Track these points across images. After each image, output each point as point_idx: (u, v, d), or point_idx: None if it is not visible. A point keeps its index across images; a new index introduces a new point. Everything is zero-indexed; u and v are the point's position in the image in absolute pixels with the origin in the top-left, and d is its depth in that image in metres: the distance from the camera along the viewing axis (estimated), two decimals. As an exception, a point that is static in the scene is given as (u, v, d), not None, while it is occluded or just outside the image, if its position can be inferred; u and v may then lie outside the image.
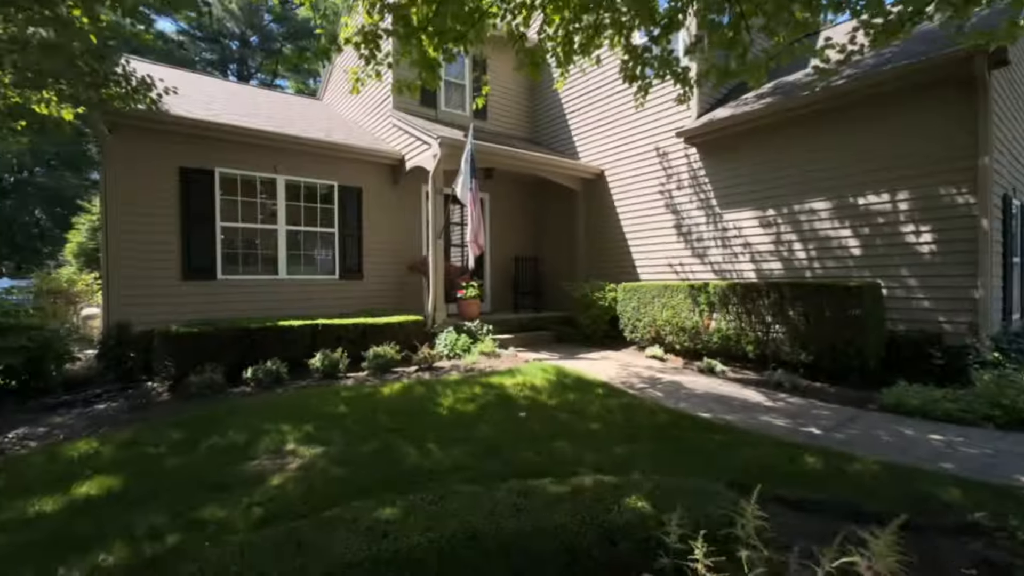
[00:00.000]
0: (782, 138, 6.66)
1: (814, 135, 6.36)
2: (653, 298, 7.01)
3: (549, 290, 9.87)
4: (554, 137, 10.26)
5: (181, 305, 6.79)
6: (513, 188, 10.19)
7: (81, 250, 12.86)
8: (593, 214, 9.28)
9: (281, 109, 9.86)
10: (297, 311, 7.18)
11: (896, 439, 3.68)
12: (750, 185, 6.99)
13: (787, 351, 5.56)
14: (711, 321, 6.32)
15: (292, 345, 6.13)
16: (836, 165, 6.16)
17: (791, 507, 2.77)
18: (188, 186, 6.96)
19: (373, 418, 4.21)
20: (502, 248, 10.09)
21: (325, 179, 8.06)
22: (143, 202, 6.63)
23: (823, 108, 6.14)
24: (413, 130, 7.99)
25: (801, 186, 6.47)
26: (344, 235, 8.23)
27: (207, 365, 5.50)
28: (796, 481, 3.02)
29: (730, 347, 6.11)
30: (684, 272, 7.81)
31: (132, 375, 6.21)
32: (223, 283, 7.17)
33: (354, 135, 9.05)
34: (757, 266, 6.96)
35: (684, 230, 7.83)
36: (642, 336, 7.22)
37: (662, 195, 8.16)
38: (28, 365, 5.73)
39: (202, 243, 7.06)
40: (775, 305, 5.66)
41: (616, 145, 8.86)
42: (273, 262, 7.64)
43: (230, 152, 7.24)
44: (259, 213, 7.57)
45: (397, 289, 8.67)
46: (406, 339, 6.71)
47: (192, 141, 6.94)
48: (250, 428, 4.01)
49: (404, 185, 8.76)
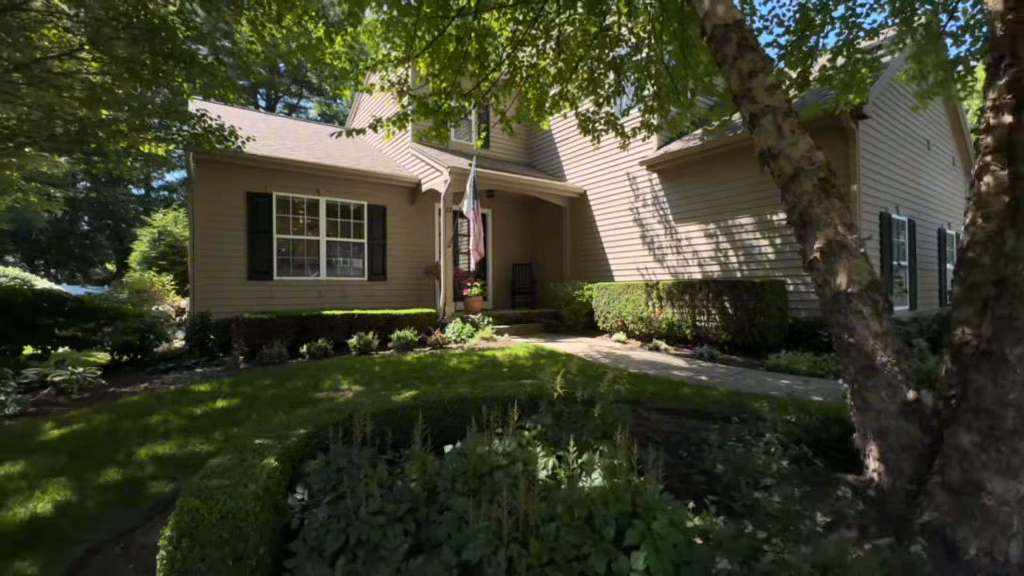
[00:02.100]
0: (715, 168, 8.39)
1: (736, 166, 8.07)
2: (619, 294, 8.74)
3: (541, 290, 11.63)
4: (547, 162, 12.09)
5: (246, 299, 8.70)
6: (511, 205, 12.02)
7: (144, 258, 14.99)
8: (577, 227, 11.05)
9: (318, 140, 11.86)
10: (335, 305, 9.05)
11: (756, 383, 5.35)
12: (695, 204, 8.71)
13: (714, 332, 7.23)
14: (661, 312, 8.02)
15: (334, 329, 7.98)
16: (754, 190, 7.85)
17: (662, 412, 4.49)
18: (252, 207, 8.91)
19: (399, 372, 6.00)
20: (502, 255, 11.90)
21: (357, 199, 9.98)
22: (220, 220, 8.58)
23: (740, 147, 7.86)
24: (428, 160, 9.87)
25: (731, 205, 8.17)
26: (372, 244, 10.11)
27: (273, 342, 7.36)
28: (673, 400, 4.73)
29: (674, 331, 7.80)
30: (648, 274, 9.52)
31: (212, 352, 8.10)
32: (278, 282, 9.08)
33: (379, 163, 10.97)
34: (702, 268, 8.64)
35: (648, 239, 9.55)
36: (611, 325, 8.93)
37: (631, 211, 9.90)
38: (140, 342, 7.66)
39: (262, 251, 8.99)
40: (705, 298, 7.35)
41: (595, 170, 10.65)
42: (316, 266, 9.54)
43: (284, 179, 9.19)
44: (305, 227, 9.49)
45: (414, 289, 10.51)
46: (422, 327, 8.52)
47: (256, 172, 8.90)
48: (315, 377, 5.83)
49: (420, 204, 10.64)
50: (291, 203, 9.34)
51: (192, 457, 3.54)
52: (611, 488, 2.06)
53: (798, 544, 1.82)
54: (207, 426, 4.22)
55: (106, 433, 4.04)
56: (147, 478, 3.23)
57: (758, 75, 2.71)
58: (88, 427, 4.21)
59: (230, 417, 4.42)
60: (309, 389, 5.40)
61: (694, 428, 3.86)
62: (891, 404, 2.19)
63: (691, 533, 1.92)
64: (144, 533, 2.64)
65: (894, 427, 2.18)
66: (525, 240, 12.41)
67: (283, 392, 5.32)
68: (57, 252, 27.36)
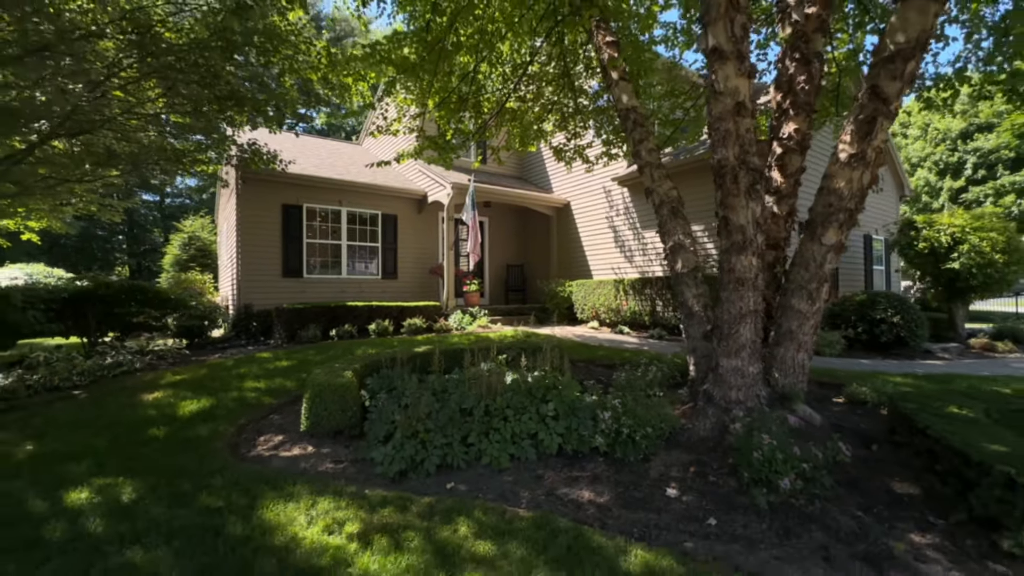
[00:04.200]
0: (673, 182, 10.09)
1: (689, 181, 9.78)
2: (594, 289, 10.45)
3: (531, 287, 13.35)
4: (536, 176, 13.85)
5: (281, 293, 10.41)
6: (505, 214, 13.77)
7: (176, 260, 16.73)
8: (562, 232, 12.78)
9: (339, 157, 13.62)
10: (355, 299, 10.76)
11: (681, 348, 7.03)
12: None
13: (664, 318, 8.94)
14: (626, 303, 9.73)
15: (357, 317, 9.68)
16: (704, 202, 9.56)
17: (604, 366, 6.20)
18: (286, 216, 10.64)
19: (413, 345, 7.70)
20: (497, 257, 13.63)
21: (372, 209, 11.72)
22: (259, 227, 10.31)
23: (692, 168, 9.59)
24: (433, 176, 11.62)
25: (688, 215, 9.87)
26: (384, 248, 11.84)
27: (308, 327, 9.07)
28: (615, 359, 6.43)
29: (636, 319, 9.51)
30: (620, 272, 11.23)
31: (255, 336, 9.81)
32: (307, 280, 10.80)
33: (391, 178, 12.72)
34: (663, 267, 10.35)
35: (620, 243, 11.28)
36: (587, 315, 10.64)
37: (607, 220, 11.63)
38: (199, 328, 9.37)
39: (294, 253, 10.71)
40: (660, 291, 9.06)
41: (577, 184, 12.39)
42: (338, 266, 11.27)
43: (312, 193, 10.93)
44: (330, 233, 11.22)
45: (421, 286, 12.22)
46: (429, 316, 10.22)
47: (289, 187, 10.64)
48: (348, 350, 7.53)
49: (426, 213, 12.38)
50: (318, 213, 11.08)
51: (279, 389, 5.25)
52: (542, 377, 3.77)
53: (641, 403, 3.52)
54: (280, 373, 5.94)
55: (212, 378, 5.75)
56: (255, 397, 4.94)
57: (644, 141, 4.44)
58: (196, 376, 5.92)
59: (294, 370, 6.13)
60: (346, 355, 7.09)
61: (620, 369, 5.56)
62: (698, 333, 3.88)
63: (583, 400, 3.62)
64: (268, 418, 4.35)
65: (700, 346, 3.87)
66: (517, 244, 14.14)
67: (326, 357, 7.01)
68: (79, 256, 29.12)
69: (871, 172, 3.22)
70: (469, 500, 2.76)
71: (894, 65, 3.02)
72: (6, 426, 4.18)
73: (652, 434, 3.21)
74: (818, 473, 2.63)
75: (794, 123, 3.89)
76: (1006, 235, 8.27)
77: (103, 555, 2.26)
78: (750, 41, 3.33)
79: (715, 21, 3.02)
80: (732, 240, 3.29)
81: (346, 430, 3.79)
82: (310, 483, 2.98)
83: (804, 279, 3.45)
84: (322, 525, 2.48)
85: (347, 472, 3.25)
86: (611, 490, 2.90)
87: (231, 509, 2.66)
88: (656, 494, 2.83)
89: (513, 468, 3.20)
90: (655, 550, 2.26)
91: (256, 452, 3.65)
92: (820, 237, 3.36)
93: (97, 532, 2.46)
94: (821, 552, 2.28)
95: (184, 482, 3.00)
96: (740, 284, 3.28)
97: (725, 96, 3.10)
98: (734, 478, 2.89)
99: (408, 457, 3.16)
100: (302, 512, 2.62)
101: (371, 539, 2.35)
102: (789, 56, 3.96)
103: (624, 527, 2.51)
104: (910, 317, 7.04)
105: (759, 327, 3.42)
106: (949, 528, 2.43)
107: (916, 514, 2.56)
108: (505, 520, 2.52)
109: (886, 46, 3.04)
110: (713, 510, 2.64)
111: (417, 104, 6.50)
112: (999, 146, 20.07)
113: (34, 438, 3.86)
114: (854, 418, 3.90)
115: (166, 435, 3.91)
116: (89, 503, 2.76)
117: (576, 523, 2.51)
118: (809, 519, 2.51)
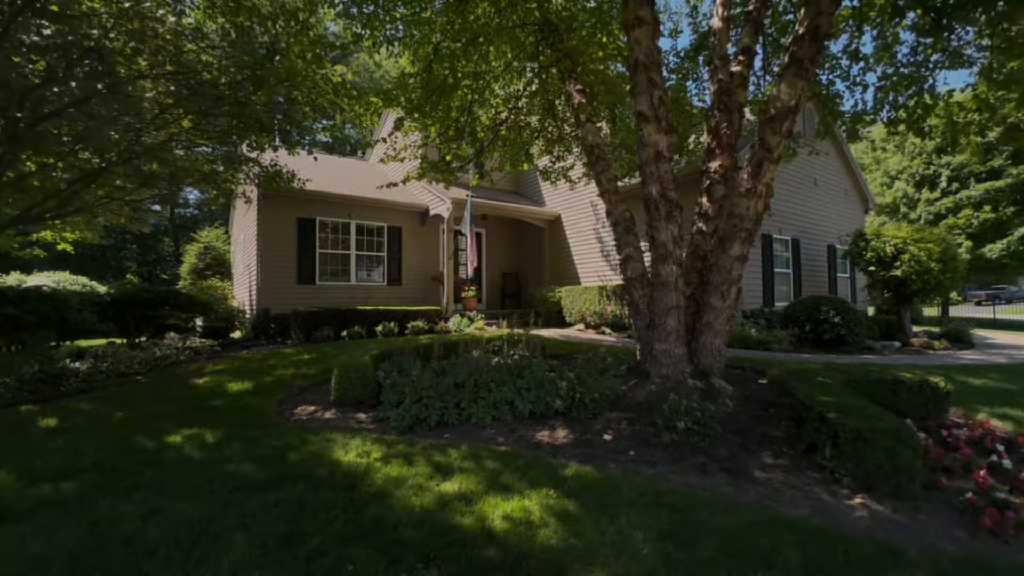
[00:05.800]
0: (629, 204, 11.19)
1: (668, 198, 10.87)
2: (580, 295, 11.50)
3: (525, 293, 14.41)
4: (530, 190, 14.98)
5: (296, 298, 11.48)
6: (502, 225, 14.87)
7: (192, 268, 17.85)
8: (554, 243, 13.87)
9: (347, 173, 14.77)
10: (362, 304, 11.82)
11: (653, 348, 8.07)
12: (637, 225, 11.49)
13: (642, 321, 9.97)
14: (609, 307, 10.78)
15: (366, 320, 10.73)
16: (678, 216, 10.62)
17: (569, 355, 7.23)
18: (301, 228, 11.75)
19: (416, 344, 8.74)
20: (494, 266, 14.71)
21: (379, 222, 12.82)
22: (277, 238, 11.41)
23: (667, 184, 10.67)
24: (434, 192, 12.74)
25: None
26: (390, 257, 12.93)
27: (322, 328, 10.12)
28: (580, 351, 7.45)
29: (617, 321, 10.55)
30: (605, 279, 12.29)
31: (273, 337, 10.86)
32: (319, 286, 11.88)
33: (396, 193, 13.84)
34: (642, 275, 11.40)
35: (605, 252, 12.35)
36: (575, 319, 11.68)
37: (594, 231, 12.72)
38: (224, 329, 10.44)
39: (308, 262, 11.80)
40: (637, 295, 10.10)
41: (567, 198, 13.50)
42: (348, 273, 12.35)
43: (325, 207, 12.04)
44: (340, 243, 12.32)
45: (423, 292, 13.29)
46: (430, 319, 11.27)
47: (304, 202, 11.75)
48: (361, 347, 8.57)
49: (428, 225, 13.48)
50: (329, 225, 12.18)
51: (305, 375, 6.30)
52: (520, 360, 4.82)
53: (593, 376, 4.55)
54: (304, 364, 6.99)
55: (247, 368, 6.80)
56: (287, 380, 5.99)
57: (604, 172, 5.53)
58: (233, 366, 6.97)
59: (315, 361, 7.17)
60: (359, 349, 8.13)
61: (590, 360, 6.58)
62: (642, 325, 4.93)
63: (549, 376, 4.66)
64: (301, 395, 5.40)
65: (643, 335, 4.91)
66: (512, 253, 15.23)
67: (342, 351, 8.06)
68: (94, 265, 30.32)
69: (764, 202, 4.29)
70: (459, 441, 3.81)
71: (775, 124, 4.10)
72: (95, 400, 5.23)
73: (599, 398, 4.26)
74: (710, 420, 3.67)
75: (719, 160, 4.97)
76: (943, 246, 9.33)
77: (205, 467, 3.30)
78: (668, 109, 4.41)
79: (640, 94, 4.11)
80: (658, 252, 4.36)
81: (366, 400, 4.83)
82: (342, 432, 4.03)
83: (718, 282, 4.51)
84: (355, 454, 3.52)
85: (369, 427, 4.30)
86: (564, 436, 3.94)
87: (289, 446, 3.70)
88: (597, 439, 3.87)
89: (493, 425, 4.25)
90: (585, 466, 3.30)
91: (296, 417, 4.69)
92: (728, 250, 4.42)
93: (196, 457, 3.51)
94: (700, 468, 3.32)
95: (249, 431, 4.05)
96: (665, 286, 4.34)
97: (648, 147, 4.18)
98: (653, 427, 3.93)
99: (414, 415, 4.20)
100: (339, 447, 3.66)
101: (390, 460, 3.39)
102: (716, 106, 5.05)
103: (568, 457, 3.55)
104: (849, 317, 8.08)
105: (682, 319, 4.48)
106: (796, 455, 3.47)
107: (776, 449, 3.60)
108: (485, 451, 3.56)
109: (768, 110, 4.13)
110: (635, 447, 3.68)
111: (420, 133, 7.60)
112: (964, 162, 21.22)
113: (122, 408, 4.91)
114: (765, 392, 4.93)
115: (224, 405, 4.96)
116: (185, 442, 3.81)
117: (535, 453, 3.55)
118: (698, 450, 3.55)
